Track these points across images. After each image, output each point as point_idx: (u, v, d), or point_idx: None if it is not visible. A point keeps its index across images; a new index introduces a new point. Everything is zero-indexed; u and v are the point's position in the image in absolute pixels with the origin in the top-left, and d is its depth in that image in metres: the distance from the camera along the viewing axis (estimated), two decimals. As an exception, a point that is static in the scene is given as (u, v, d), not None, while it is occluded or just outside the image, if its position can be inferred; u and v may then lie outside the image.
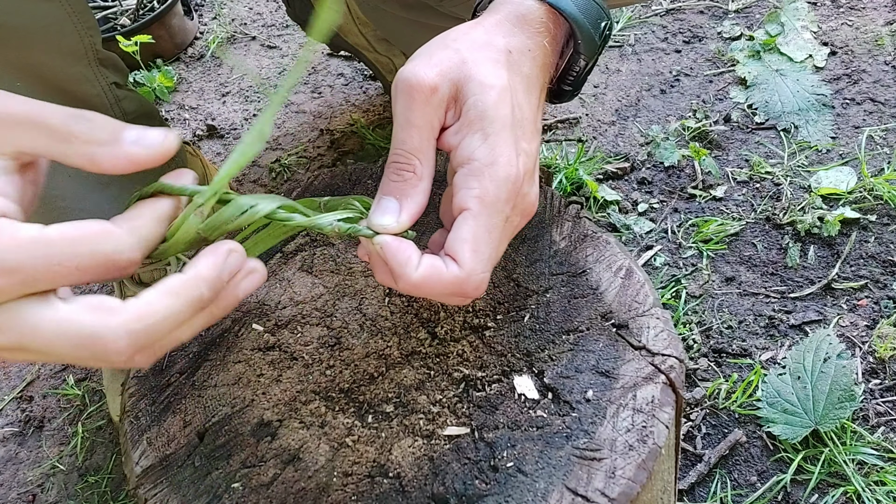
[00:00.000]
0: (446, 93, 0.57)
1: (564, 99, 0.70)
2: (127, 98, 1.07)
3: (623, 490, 0.55)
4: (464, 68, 0.57)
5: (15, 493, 1.20)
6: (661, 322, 0.66)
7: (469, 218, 0.55)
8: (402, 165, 0.57)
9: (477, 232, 0.54)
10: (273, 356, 0.68)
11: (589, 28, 0.64)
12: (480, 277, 0.55)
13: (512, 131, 0.56)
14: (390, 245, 0.54)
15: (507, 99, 0.57)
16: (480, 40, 0.60)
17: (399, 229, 0.56)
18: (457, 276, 0.54)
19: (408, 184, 0.56)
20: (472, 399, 0.63)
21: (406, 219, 0.56)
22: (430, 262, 0.54)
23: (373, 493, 0.58)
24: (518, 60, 0.60)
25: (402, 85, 0.57)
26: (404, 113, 0.57)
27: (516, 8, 0.62)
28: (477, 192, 0.55)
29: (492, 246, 0.55)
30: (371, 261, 0.58)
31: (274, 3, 2.06)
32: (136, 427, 0.65)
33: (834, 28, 1.70)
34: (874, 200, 1.35)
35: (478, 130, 0.56)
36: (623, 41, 1.77)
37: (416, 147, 0.56)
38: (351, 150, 1.62)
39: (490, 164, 0.55)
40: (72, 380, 1.32)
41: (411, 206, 0.56)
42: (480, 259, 0.54)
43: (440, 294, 0.55)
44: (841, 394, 1.07)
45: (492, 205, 0.55)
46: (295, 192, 0.82)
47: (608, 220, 1.40)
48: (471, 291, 0.55)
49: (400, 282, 0.54)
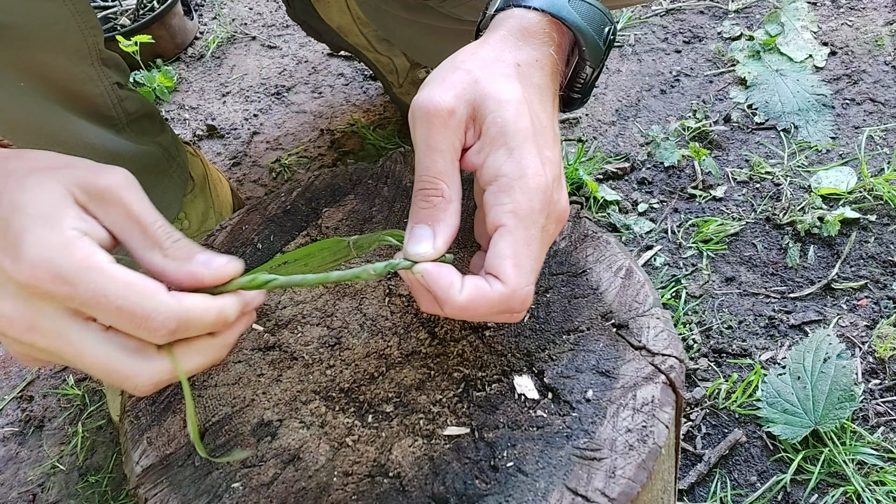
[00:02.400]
0: (464, 114, 0.57)
1: (574, 107, 0.70)
2: (129, 98, 1.07)
3: (623, 490, 0.56)
4: (478, 87, 0.57)
5: (15, 493, 1.21)
6: (661, 322, 0.66)
7: (506, 234, 0.55)
8: (430, 191, 0.57)
9: (516, 246, 0.54)
10: (273, 356, 0.68)
11: (593, 35, 0.64)
12: (525, 291, 0.55)
13: (534, 142, 0.57)
14: (431, 272, 0.54)
15: (525, 111, 0.57)
16: (489, 58, 0.60)
17: (436, 255, 0.56)
18: (502, 293, 0.54)
19: (437, 209, 0.57)
20: (472, 399, 0.63)
21: (441, 244, 0.56)
22: (474, 283, 0.54)
23: (373, 492, 0.58)
24: (528, 72, 0.60)
25: (420, 112, 0.57)
26: (425, 139, 0.57)
27: (518, 22, 0.62)
28: (510, 206, 0.55)
29: (532, 258, 0.55)
30: (414, 290, 0.58)
31: (274, 3, 2.06)
32: (136, 426, 0.65)
33: (834, 28, 1.70)
34: (874, 200, 1.35)
35: (501, 146, 0.56)
36: (623, 41, 1.77)
37: (441, 171, 0.57)
38: (351, 150, 1.62)
39: (519, 178, 0.55)
40: (72, 379, 1.32)
41: (445, 231, 0.57)
42: (523, 273, 0.54)
43: (487, 314, 0.55)
44: (841, 394, 1.07)
45: (527, 217, 0.55)
46: (295, 192, 0.82)
47: (608, 220, 1.40)
48: (517, 306, 0.55)
49: (446, 307, 0.54)
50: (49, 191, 0.49)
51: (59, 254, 0.47)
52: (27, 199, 0.49)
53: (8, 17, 0.84)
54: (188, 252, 0.52)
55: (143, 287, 0.48)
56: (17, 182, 0.50)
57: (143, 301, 0.48)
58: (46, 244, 0.47)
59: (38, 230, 0.47)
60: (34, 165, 0.52)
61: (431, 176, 0.57)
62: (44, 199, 0.49)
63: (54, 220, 0.48)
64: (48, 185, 0.50)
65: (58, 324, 0.48)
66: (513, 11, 0.63)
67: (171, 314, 0.48)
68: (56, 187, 0.50)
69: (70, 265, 0.47)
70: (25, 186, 0.49)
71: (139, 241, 0.51)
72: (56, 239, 0.47)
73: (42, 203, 0.48)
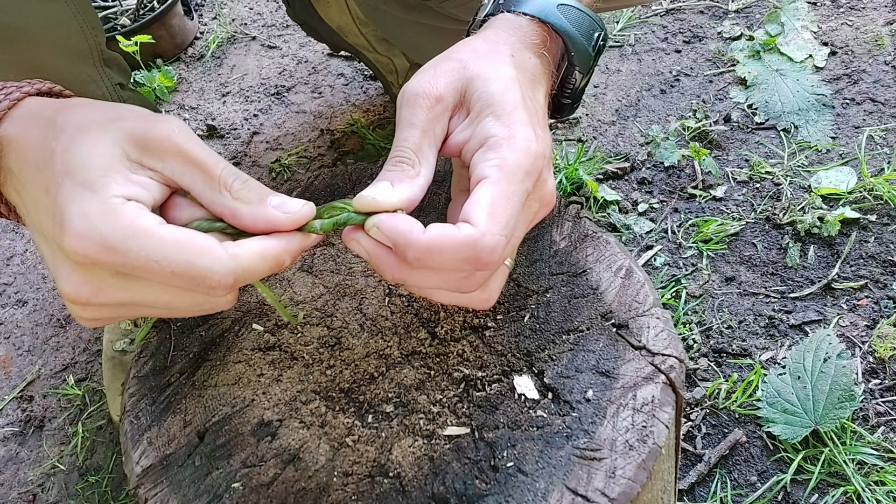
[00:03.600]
0: (450, 102, 0.57)
1: (565, 113, 0.70)
2: (130, 99, 1.07)
3: (623, 490, 0.56)
4: (466, 72, 0.58)
5: (15, 493, 1.21)
6: (661, 322, 0.66)
7: (487, 185, 0.52)
8: (401, 159, 0.56)
9: (494, 196, 0.51)
10: (273, 356, 0.68)
11: (582, 41, 0.64)
12: (496, 239, 0.50)
13: (526, 111, 0.55)
14: (385, 220, 0.52)
15: (516, 87, 0.57)
16: (482, 48, 0.60)
17: (389, 205, 0.52)
18: (469, 235, 0.50)
19: (404, 173, 0.55)
20: (473, 399, 0.63)
21: (397, 198, 0.53)
22: (440, 226, 0.51)
23: (373, 492, 0.58)
24: (521, 63, 0.60)
25: (408, 94, 0.57)
26: (407, 116, 0.57)
27: (509, 24, 0.63)
28: (496, 161, 0.53)
29: (509, 213, 0.51)
30: (371, 254, 0.54)
31: (274, 3, 2.06)
32: (136, 427, 0.65)
33: (834, 28, 1.70)
34: (874, 200, 1.35)
35: (489, 115, 0.55)
36: (623, 41, 1.77)
37: (416, 145, 0.56)
38: (351, 150, 1.62)
39: (508, 137, 0.54)
40: (72, 380, 1.32)
41: (404, 189, 0.54)
42: (496, 221, 0.50)
43: (453, 260, 0.50)
44: (841, 394, 1.07)
45: (511, 173, 0.52)
46: (295, 191, 0.82)
47: (608, 220, 1.40)
48: (485, 256, 0.50)
49: (409, 250, 0.50)
50: (100, 154, 0.49)
51: (103, 222, 0.46)
52: (77, 164, 0.48)
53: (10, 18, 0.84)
54: (259, 194, 0.51)
55: (195, 246, 0.47)
56: (70, 141, 0.49)
57: (196, 260, 0.47)
58: (90, 213, 0.46)
59: (82, 200, 0.47)
60: (84, 120, 0.50)
61: (406, 146, 0.56)
62: (94, 162, 0.48)
63: (99, 186, 0.47)
64: (99, 147, 0.49)
65: (118, 281, 0.48)
66: (503, 16, 0.63)
67: (227, 271, 0.48)
68: (107, 148, 0.49)
69: (116, 233, 0.46)
70: (76, 148, 0.49)
71: (204, 186, 0.50)
72: (99, 208, 0.47)
73: (91, 168, 0.48)
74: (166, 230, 0.48)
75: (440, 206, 0.75)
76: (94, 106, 0.53)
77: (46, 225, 0.50)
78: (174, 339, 0.70)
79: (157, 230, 0.47)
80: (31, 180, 0.51)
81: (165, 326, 0.71)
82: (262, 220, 0.51)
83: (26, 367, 1.36)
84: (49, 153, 0.50)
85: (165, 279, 0.47)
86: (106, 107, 0.53)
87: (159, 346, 0.70)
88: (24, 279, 1.50)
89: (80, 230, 0.46)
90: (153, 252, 0.46)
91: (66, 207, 0.47)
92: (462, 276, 0.53)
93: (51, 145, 0.50)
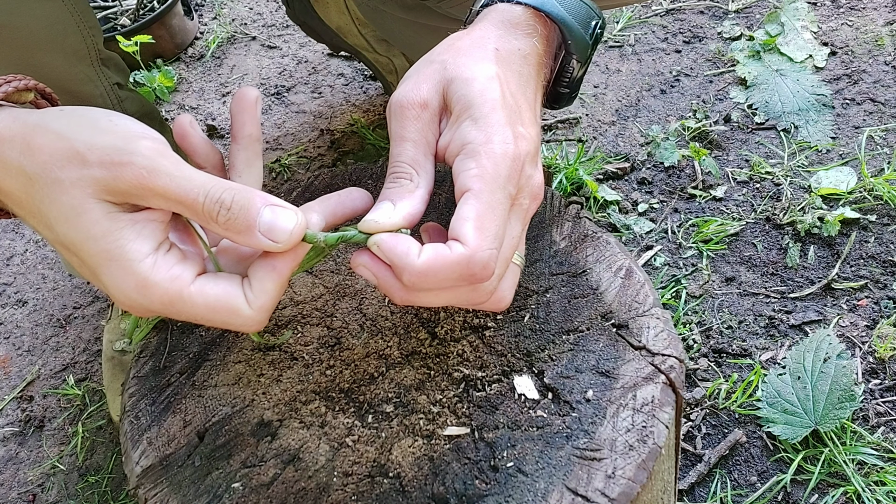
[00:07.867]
0: (436, 106, 0.57)
1: (563, 103, 0.70)
2: (129, 99, 1.07)
3: (623, 490, 0.56)
4: (446, 73, 0.58)
5: (15, 493, 1.21)
6: (661, 322, 0.66)
7: (470, 198, 0.53)
8: (399, 174, 0.56)
9: (479, 209, 0.52)
10: (273, 356, 0.68)
11: (578, 28, 0.64)
12: (487, 254, 0.51)
13: (504, 112, 0.55)
14: (386, 240, 0.53)
15: (495, 87, 0.57)
16: (465, 46, 0.60)
17: (392, 226, 0.54)
18: (461, 254, 0.51)
19: (404, 189, 0.56)
20: (472, 399, 0.63)
21: (399, 217, 0.54)
22: (433, 247, 0.52)
23: (373, 493, 0.58)
24: (507, 58, 0.60)
25: (394, 106, 0.58)
26: (397, 130, 0.57)
27: (502, 14, 0.62)
28: (475, 171, 0.53)
29: (496, 223, 0.52)
30: (371, 270, 0.55)
31: (274, 3, 2.06)
32: (136, 427, 0.65)
33: (834, 28, 1.70)
34: (874, 200, 1.35)
35: (466, 118, 0.56)
36: (623, 41, 1.78)
37: (411, 158, 0.57)
38: (351, 150, 1.62)
39: (485, 143, 0.54)
40: (72, 380, 1.32)
41: (405, 206, 0.55)
42: (485, 236, 0.51)
43: (449, 280, 0.52)
44: (841, 394, 1.07)
45: (492, 181, 0.53)
46: (295, 192, 0.82)
47: (608, 220, 1.40)
48: (479, 271, 0.51)
49: (405, 274, 0.52)
50: (92, 222, 0.50)
51: (141, 297, 0.50)
52: (79, 239, 0.50)
53: (7, 17, 0.83)
54: (246, 223, 0.51)
55: (225, 306, 0.52)
56: (50, 203, 0.50)
57: (229, 319, 0.52)
58: (125, 289, 0.50)
59: (112, 274, 0.50)
60: (50, 172, 0.50)
61: (402, 161, 0.57)
62: (92, 233, 0.50)
63: (118, 255, 0.50)
64: (85, 215, 0.50)
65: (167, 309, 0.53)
66: (497, 6, 0.63)
67: (256, 322, 0.53)
68: (95, 214, 0.50)
69: (155, 305, 0.51)
70: (65, 221, 0.50)
71: (193, 216, 0.52)
72: (132, 282, 0.50)
73: (96, 239, 0.50)
74: (197, 293, 0.51)
75: (440, 206, 0.75)
76: (51, 148, 0.50)
77: (65, 243, 0.52)
78: (174, 340, 0.70)
79: (189, 297, 0.51)
80: (18, 206, 0.53)
81: (165, 326, 0.71)
82: (256, 250, 0.54)
83: (26, 367, 1.36)
84: (30, 201, 0.51)
85: (206, 323, 0.53)
86: (64, 145, 0.50)
87: (159, 346, 0.70)
88: (24, 279, 1.50)
89: (125, 302, 0.51)
90: (191, 315, 0.52)
91: (96, 274, 0.51)
92: (467, 290, 0.54)
93: (29, 192, 0.51)
